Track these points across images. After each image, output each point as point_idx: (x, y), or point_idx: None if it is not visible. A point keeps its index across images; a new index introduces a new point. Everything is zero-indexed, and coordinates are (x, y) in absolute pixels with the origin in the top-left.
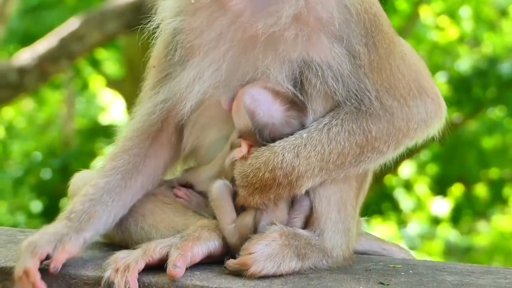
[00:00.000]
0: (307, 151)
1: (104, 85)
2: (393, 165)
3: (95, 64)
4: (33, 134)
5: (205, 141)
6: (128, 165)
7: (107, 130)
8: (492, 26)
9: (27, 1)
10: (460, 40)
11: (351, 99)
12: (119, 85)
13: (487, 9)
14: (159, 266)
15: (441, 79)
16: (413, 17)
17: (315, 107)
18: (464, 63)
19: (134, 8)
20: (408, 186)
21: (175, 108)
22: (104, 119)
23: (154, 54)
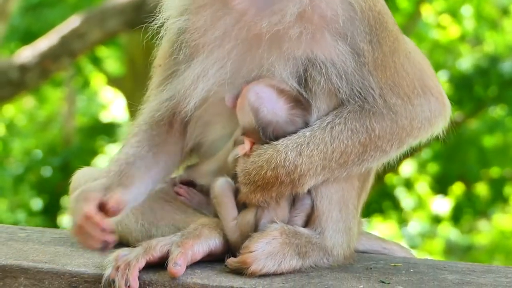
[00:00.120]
0: (310, 149)
1: (105, 83)
2: (394, 164)
3: (96, 62)
4: (34, 131)
5: (208, 137)
6: (151, 142)
7: (107, 128)
8: (493, 24)
9: None
10: (461, 38)
11: (354, 97)
12: (120, 83)
13: (489, 8)
14: (159, 264)
15: (442, 77)
16: (414, 16)
17: (318, 105)
18: (465, 61)
19: (135, 6)
20: (409, 184)
21: (180, 105)
22: (105, 117)
23: (159, 53)
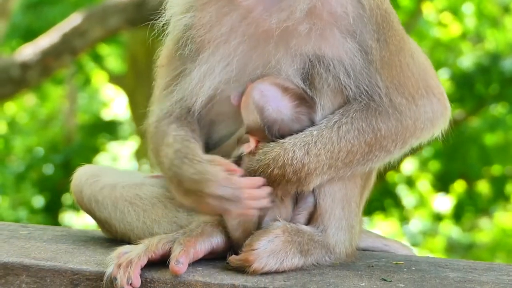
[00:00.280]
0: (317, 148)
1: (106, 81)
2: (395, 162)
3: (98, 59)
4: (35, 129)
5: (213, 136)
6: (188, 127)
7: (109, 125)
8: (495, 22)
9: None
10: (462, 36)
11: (361, 94)
12: (122, 80)
13: (490, 6)
14: (161, 261)
15: (443, 76)
16: (415, 14)
17: (324, 102)
18: (466, 59)
19: (136, 3)
20: (410, 182)
21: (189, 104)
22: (106, 115)
23: (163, 52)
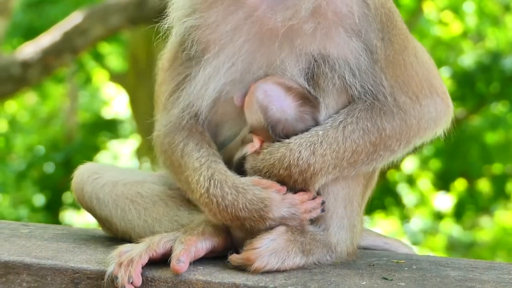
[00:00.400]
0: (323, 148)
1: (107, 79)
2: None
3: (99, 58)
4: (36, 128)
5: (219, 138)
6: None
7: (110, 124)
8: (495, 21)
9: None
10: (463, 35)
11: (366, 94)
12: (122, 79)
13: (491, 4)
14: (162, 260)
15: (444, 74)
16: (416, 12)
17: (328, 102)
18: (467, 58)
19: (137, 2)
20: (411, 181)
21: (195, 110)
22: (107, 113)
23: (166, 56)
